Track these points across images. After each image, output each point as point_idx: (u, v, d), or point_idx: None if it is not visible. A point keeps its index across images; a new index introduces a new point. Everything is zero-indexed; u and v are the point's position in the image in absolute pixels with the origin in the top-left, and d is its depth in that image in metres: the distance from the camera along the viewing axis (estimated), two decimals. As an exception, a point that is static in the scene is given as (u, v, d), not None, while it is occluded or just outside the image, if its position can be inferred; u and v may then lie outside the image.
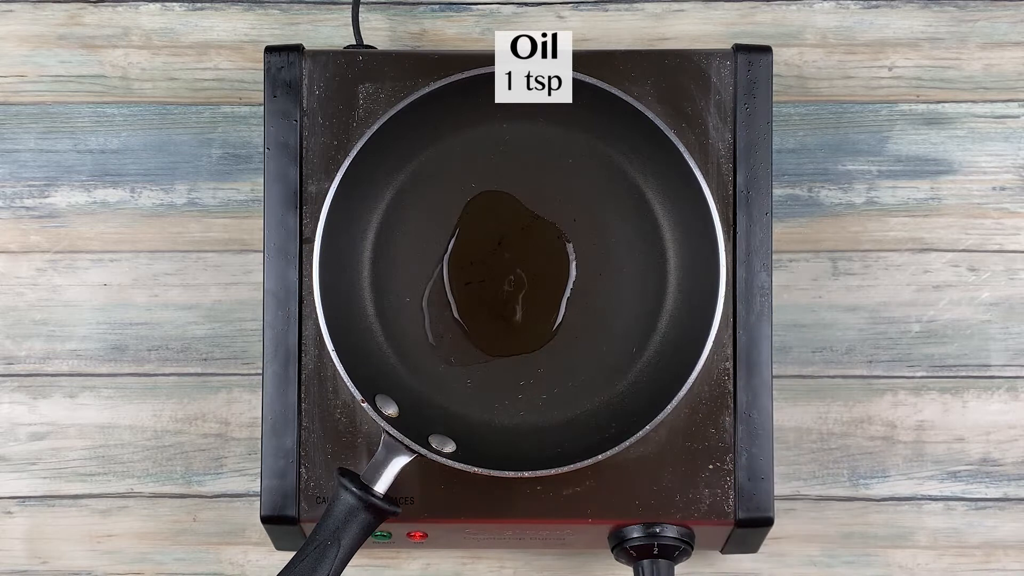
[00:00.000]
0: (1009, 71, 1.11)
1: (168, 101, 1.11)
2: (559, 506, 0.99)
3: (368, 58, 1.01)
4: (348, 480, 0.94)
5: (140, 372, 1.10)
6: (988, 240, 1.11)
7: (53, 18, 1.12)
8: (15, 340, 1.10)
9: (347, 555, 0.94)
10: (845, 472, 1.09)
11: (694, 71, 1.01)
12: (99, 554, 1.09)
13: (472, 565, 1.10)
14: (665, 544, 0.99)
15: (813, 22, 1.12)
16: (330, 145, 1.00)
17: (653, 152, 0.98)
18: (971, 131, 1.11)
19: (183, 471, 1.09)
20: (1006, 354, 1.10)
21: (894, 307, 1.10)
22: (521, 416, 1.00)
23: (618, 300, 1.01)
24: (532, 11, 1.12)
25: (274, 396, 0.99)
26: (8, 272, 1.10)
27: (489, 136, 1.01)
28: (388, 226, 1.01)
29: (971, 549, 1.09)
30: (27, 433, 1.10)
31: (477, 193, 1.01)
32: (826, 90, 1.11)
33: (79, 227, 1.11)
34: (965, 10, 1.12)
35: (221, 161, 1.11)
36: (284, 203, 1.00)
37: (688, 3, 1.12)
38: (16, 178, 1.11)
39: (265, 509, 0.99)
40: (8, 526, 1.09)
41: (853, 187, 1.11)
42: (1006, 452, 1.10)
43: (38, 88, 1.11)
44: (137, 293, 1.10)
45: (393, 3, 1.12)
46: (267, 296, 0.99)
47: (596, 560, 1.09)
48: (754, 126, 1.00)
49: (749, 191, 1.00)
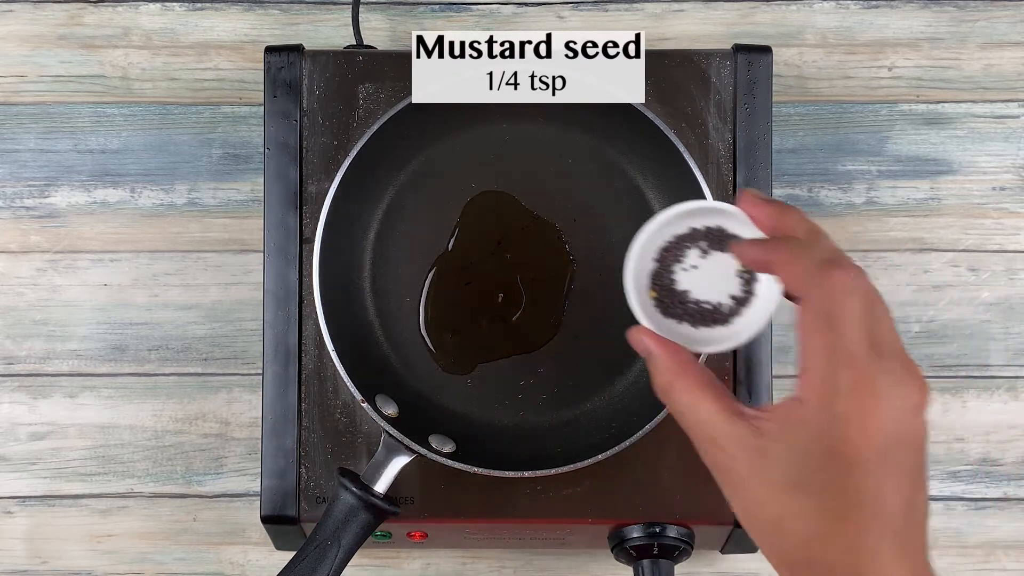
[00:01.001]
0: (1009, 71, 1.11)
1: (168, 101, 1.11)
2: (559, 506, 0.98)
3: (368, 58, 1.01)
4: (348, 480, 0.94)
5: (140, 372, 1.10)
6: (988, 240, 1.11)
7: (53, 18, 1.12)
8: (15, 340, 1.10)
9: (347, 555, 0.94)
10: (845, 472, 1.09)
11: (694, 71, 1.01)
12: (99, 554, 1.09)
13: (472, 565, 1.10)
14: (665, 544, 0.99)
15: (813, 22, 1.12)
16: (330, 145, 1.00)
17: (653, 152, 0.98)
18: (971, 131, 1.11)
19: (183, 471, 1.09)
20: (1006, 354, 1.10)
21: (894, 307, 1.08)
22: (521, 416, 1.00)
23: (618, 300, 1.00)
24: (532, 11, 1.12)
25: (274, 396, 0.99)
26: (8, 272, 1.10)
27: (489, 136, 1.01)
28: (388, 226, 1.01)
29: (971, 549, 1.09)
30: (27, 433, 1.10)
31: (477, 193, 1.01)
32: (826, 90, 1.11)
33: (79, 227, 1.11)
34: (965, 10, 1.12)
35: (221, 161, 1.11)
36: (284, 203, 1.00)
37: (688, 3, 1.12)
38: (16, 178, 1.11)
39: (265, 509, 0.99)
40: (8, 526, 1.09)
41: (853, 187, 1.11)
42: (1006, 452, 1.10)
43: (38, 88, 1.11)
44: (137, 293, 1.10)
45: (393, 3, 1.12)
46: (267, 296, 0.99)
47: (596, 560, 1.09)
48: (754, 126, 1.00)
49: (749, 191, 1.00)
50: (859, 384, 0.69)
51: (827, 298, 0.70)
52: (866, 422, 0.69)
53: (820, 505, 0.69)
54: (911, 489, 0.69)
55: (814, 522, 0.69)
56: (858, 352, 0.69)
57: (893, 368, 0.70)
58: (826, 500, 0.69)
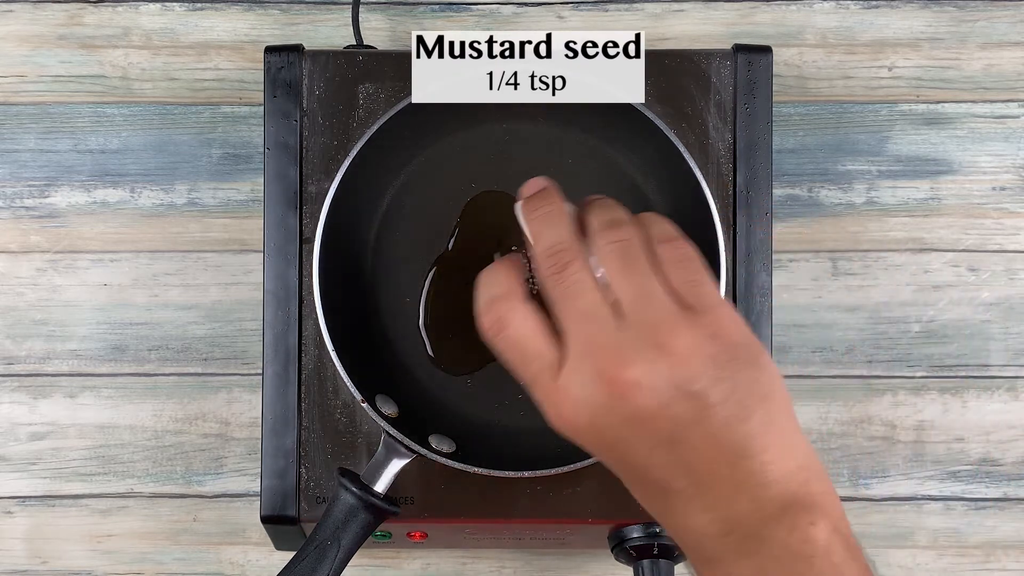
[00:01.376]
0: (1009, 71, 1.11)
1: (168, 101, 1.11)
2: (559, 506, 0.98)
3: (368, 58, 1.01)
4: (348, 480, 0.94)
5: (140, 372, 1.10)
6: (988, 240, 1.11)
7: (53, 18, 1.12)
8: (15, 340, 1.10)
9: (347, 555, 0.94)
10: (845, 472, 1.09)
11: (694, 71, 1.01)
12: (99, 554, 1.09)
13: (472, 565, 1.10)
14: (665, 544, 0.99)
15: (813, 22, 1.12)
16: (330, 145, 1.00)
17: (653, 152, 0.98)
18: (971, 131, 1.11)
19: (183, 471, 1.09)
20: (1006, 354, 1.10)
21: (894, 307, 1.10)
22: (521, 416, 1.00)
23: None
24: (532, 11, 1.12)
25: (274, 396, 0.99)
26: (8, 272, 1.10)
27: (489, 136, 1.01)
28: (388, 226, 1.01)
29: (971, 549, 1.09)
30: (27, 433, 1.10)
31: (477, 193, 1.01)
32: (826, 90, 1.11)
33: (79, 227, 1.11)
34: (965, 10, 1.12)
35: (221, 161, 1.11)
36: (284, 203, 1.00)
37: (688, 3, 1.12)
38: (16, 178, 1.11)
39: (265, 509, 0.99)
40: (8, 526, 1.09)
41: (853, 187, 1.11)
42: (1006, 452, 1.10)
43: (38, 88, 1.11)
44: (137, 293, 1.10)
45: (393, 3, 1.12)
46: (267, 296, 0.99)
47: (596, 560, 1.09)
48: (754, 126, 1.00)
49: (749, 191, 1.00)
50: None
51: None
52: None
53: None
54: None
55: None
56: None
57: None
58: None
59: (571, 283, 0.72)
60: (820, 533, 0.69)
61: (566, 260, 0.73)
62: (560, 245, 0.74)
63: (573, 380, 0.71)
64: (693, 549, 0.72)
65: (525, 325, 0.73)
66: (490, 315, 0.74)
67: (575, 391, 0.71)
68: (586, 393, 0.71)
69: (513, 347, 0.74)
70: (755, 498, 0.70)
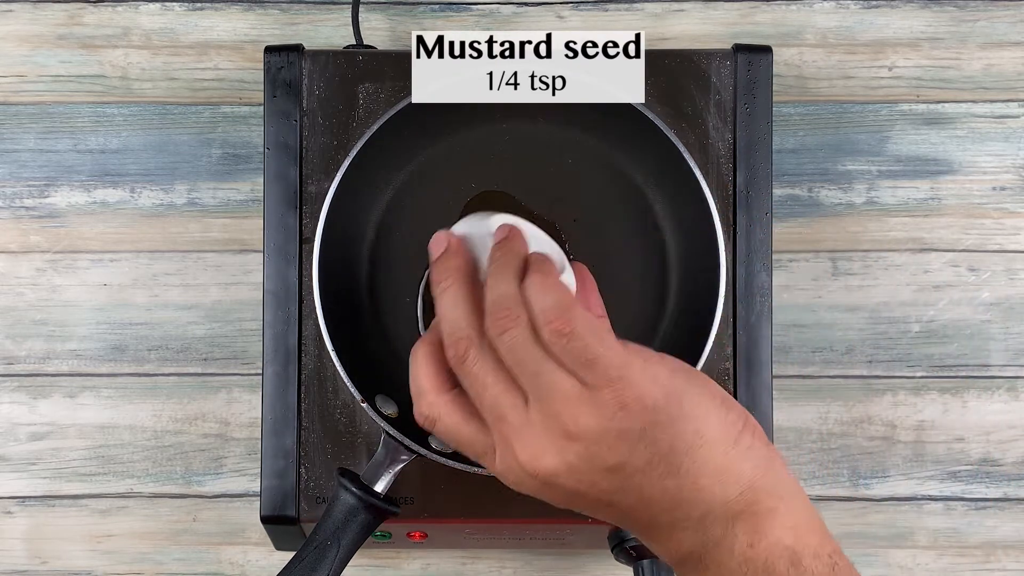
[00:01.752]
0: (1009, 71, 1.11)
1: (168, 101, 1.11)
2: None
3: (368, 58, 1.01)
4: (348, 480, 0.94)
5: (140, 372, 1.10)
6: (988, 240, 1.11)
7: (53, 18, 1.12)
8: (15, 340, 1.10)
9: (347, 555, 0.94)
10: (845, 472, 1.09)
11: (694, 71, 1.00)
12: (99, 554, 1.09)
13: (472, 565, 1.10)
14: (665, 544, 0.99)
15: (813, 22, 1.12)
16: (330, 145, 1.00)
17: (653, 152, 0.98)
18: (971, 131, 1.11)
19: (183, 471, 1.09)
20: (1006, 354, 1.10)
21: (894, 307, 1.10)
22: (521, 416, 1.00)
23: (617, 300, 1.00)
24: (532, 11, 1.12)
25: (274, 396, 0.99)
26: (8, 272, 1.10)
27: (489, 136, 1.01)
28: (388, 226, 1.01)
29: (971, 549, 1.09)
30: (27, 433, 1.10)
31: (477, 193, 1.01)
32: (826, 90, 1.11)
33: (79, 227, 1.11)
34: (965, 10, 1.12)
35: (221, 161, 1.11)
36: (284, 203, 1.00)
37: (688, 3, 1.12)
38: (16, 178, 1.11)
39: (265, 509, 0.99)
40: (8, 526, 1.09)
41: (853, 187, 1.11)
42: (1006, 452, 1.10)
43: (38, 88, 1.11)
44: (137, 293, 1.10)
45: (393, 3, 1.12)
46: (267, 296, 0.99)
47: (596, 560, 1.09)
48: (754, 126, 1.00)
49: (749, 191, 1.00)
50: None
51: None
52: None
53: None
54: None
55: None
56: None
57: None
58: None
59: (472, 377, 0.73)
60: (759, 553, 0.71)
61: (463, 349, 0.73)
62: (458, 333, 0.73)
63: (506, 466, 0.73)
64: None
65: (452, 419, 0.75)
66: (419, 412, 0.76)
67: (512, 477, 0.73)
68: (520, 478, 0.73)
69: (448, 438, 0.76)
70: (697, 530, 0.72)
